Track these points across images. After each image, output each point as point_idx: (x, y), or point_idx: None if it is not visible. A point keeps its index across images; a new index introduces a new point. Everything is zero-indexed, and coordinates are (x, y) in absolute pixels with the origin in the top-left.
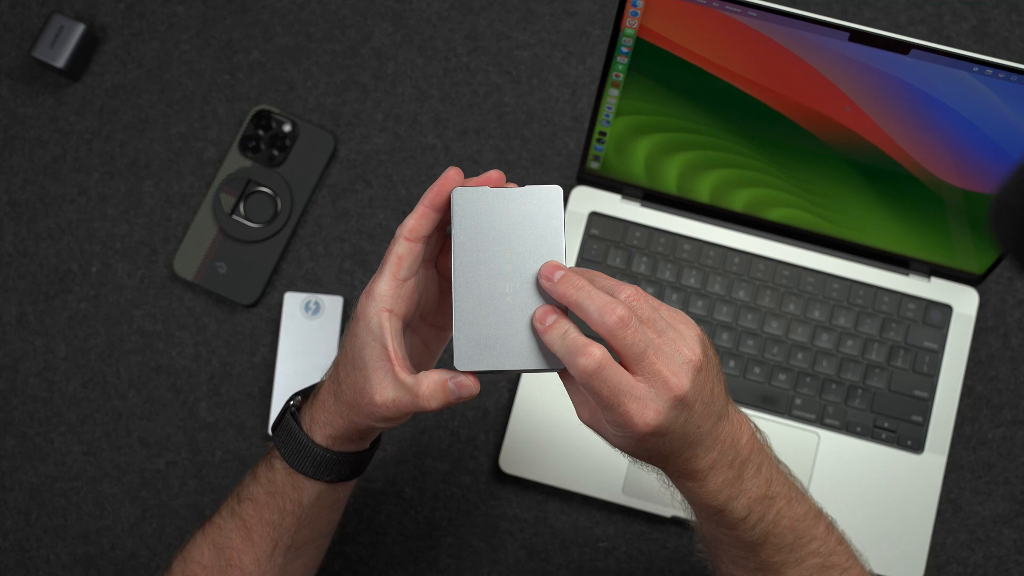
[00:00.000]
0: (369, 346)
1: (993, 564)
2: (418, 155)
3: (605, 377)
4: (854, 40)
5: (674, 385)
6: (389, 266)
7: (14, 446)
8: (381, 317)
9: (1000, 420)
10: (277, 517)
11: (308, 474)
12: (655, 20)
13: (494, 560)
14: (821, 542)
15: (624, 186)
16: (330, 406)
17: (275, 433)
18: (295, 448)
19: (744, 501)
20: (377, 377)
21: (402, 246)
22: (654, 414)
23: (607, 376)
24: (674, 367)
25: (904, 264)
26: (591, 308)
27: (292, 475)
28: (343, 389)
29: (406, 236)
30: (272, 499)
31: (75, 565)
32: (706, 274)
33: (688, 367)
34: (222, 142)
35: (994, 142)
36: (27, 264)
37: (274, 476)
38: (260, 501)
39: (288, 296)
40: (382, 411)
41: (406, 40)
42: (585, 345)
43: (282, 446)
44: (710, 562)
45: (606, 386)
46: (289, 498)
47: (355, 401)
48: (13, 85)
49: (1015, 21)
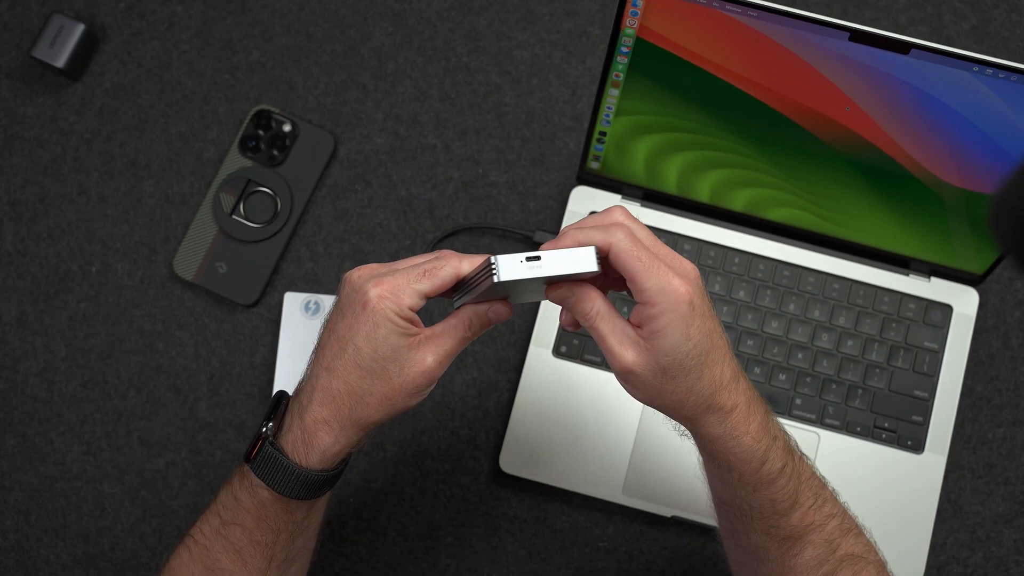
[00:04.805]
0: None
1: (993, 564)
2: (418, 155)
3: (639, 241)
4: (854, 40)
5: (678, 287)
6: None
7: (14, 446)
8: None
9: (1000, 420)
10: (271, 537)
11: (302, 497)
12: (655, 20)
13: (494, 560)
14: (833, 503)
15: (624, 186)
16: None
17: (255, 465)
18: (284, 478)
19: (778, 451)
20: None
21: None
22: (683, 279)
23: (640, 243)
24: (679, 272)
25: (904, 264)
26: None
27: (282, 499)
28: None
29: (456, 272)
30: (262, 523)
31: (75, 565)
32: (706, 274)
33: (688, 278)
34: (222, 142)
35: (994, 142)
36: (27, 264)
37: (261, 502)
38: (249, 526)
39: (288, 296)
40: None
41: (406, 40)
42: (610, 224)
43: (268, 478)
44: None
45: (642, 250)
46: (282, 519)
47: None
48: (13, 85)
49: (1015, 21)
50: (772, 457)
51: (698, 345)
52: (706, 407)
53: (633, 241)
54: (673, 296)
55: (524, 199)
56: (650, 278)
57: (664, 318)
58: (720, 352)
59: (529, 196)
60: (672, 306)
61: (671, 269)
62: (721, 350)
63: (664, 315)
